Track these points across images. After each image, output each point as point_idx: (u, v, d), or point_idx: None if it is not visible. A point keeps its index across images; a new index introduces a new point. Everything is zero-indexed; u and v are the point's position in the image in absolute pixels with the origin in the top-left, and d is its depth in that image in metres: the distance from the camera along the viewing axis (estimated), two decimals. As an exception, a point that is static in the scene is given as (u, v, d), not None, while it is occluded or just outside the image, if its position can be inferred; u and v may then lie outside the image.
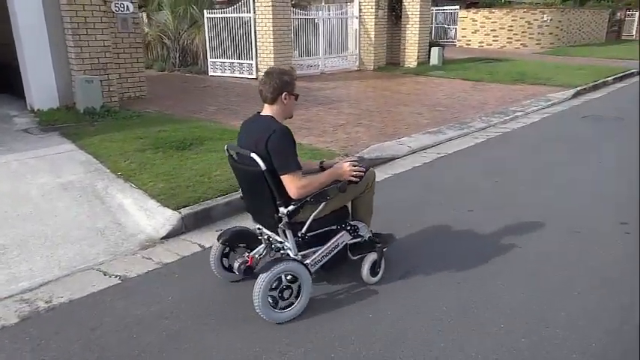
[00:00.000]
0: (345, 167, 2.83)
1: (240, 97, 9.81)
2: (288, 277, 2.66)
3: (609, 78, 12.58)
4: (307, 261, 2.78)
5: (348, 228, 2.97)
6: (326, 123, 7.59)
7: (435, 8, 24.20)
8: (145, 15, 14.53)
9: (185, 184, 4.48)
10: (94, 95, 7.48)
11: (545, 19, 22.04)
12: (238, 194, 4.30)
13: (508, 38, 22.28)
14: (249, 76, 12.09)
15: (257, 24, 11.53)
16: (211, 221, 4.05)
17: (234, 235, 3.09)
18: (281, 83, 2.68)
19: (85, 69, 7.70)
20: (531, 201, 4.50)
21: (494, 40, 22.52)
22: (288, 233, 2.73)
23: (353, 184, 2.85)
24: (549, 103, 9.57)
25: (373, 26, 13.88)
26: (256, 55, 11.80)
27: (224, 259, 3.06)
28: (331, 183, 2.75)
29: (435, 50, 14.39)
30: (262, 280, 2.57)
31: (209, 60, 12.77)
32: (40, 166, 5.22)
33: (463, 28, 23.26)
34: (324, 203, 2.73)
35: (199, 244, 3.70)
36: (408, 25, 14.37)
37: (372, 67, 14.22)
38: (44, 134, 6.50)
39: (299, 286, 2.71)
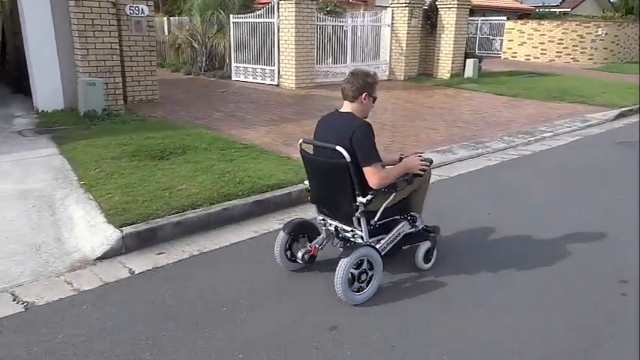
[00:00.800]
0: (415, 161, 3.10)
1: (253, 103, 9.52)
2: (364, 262, 2.88)
3: (659, 97, 11.46)
4: (377, 247, 3.00)
5: (409, 218, 3.23)
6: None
7: (480, 19, 23.33)
8: (165, 19, 14.58)
9: (142, 198, 4.15)
10: (95, 98, 7.36)
11: (599, 33, 20.69)
12: (193, 213, 3.90)
13: (557, 52, 21.06)
14: (271, 82, 11.82)
15: (280, 30, 11.24)
16: (155, 242, 3.69)
17: (298, 226, 3.26)
18: (364, 84, 2.94)
19: (91, 71, 7.61)
20: (518, 247, 3.85)
21: (542, 54, 21.34)
22: (363, 221, 2.93)
23: (418, 177, 3.11)
24: (585, 124, 8.72)
25: (405, 35, 13.32)
26: (278, 61, 11.51)
27: (287, 251, 3.23)
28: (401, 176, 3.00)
29: (469, 62, 13.64)
30: (345, 263, 2.78)
31: (232, 65, 12.60)
32: (11, 171, 5.05)
33: (509, 40, 22.19)
34: (394, 194, 2.97)
35: (130, 269, 3.33)
36: (442, 35, 13.70)
37: (402, 77, 13.64)
38: (36, 136, 6.39)
39: (370, 271, 2.92)
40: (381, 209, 2.96)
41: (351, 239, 3.12)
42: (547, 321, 2.80)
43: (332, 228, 3.21)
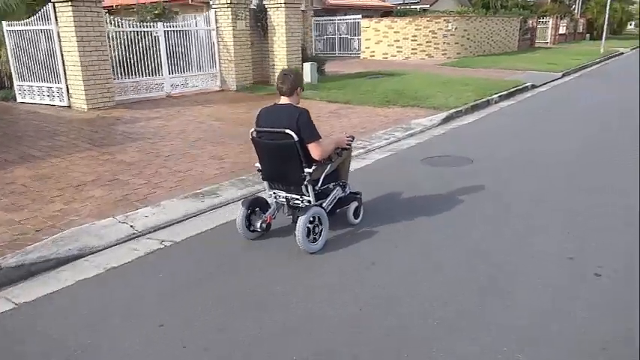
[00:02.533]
0: (342, 137, 4.05)
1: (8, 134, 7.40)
2: (316, 218, 3.65)
3: (495, 95, 11.06)
4: (323, 205, 3.81)
5: (341, 184, 4.09)
6: (69, 179, 5.38)
7: (337, 18, 22.61)
8: None
9: None
10: None
11: (449, 27, 20.80)
12: None
13: (412, 49, 20.87)
14: (61, 103, 9.67)
15: (61, 39, 9.16)
16: None
17: (254, 201, 3.94)
18: (296, 80, 3.70)
19: None
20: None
21: (398, 51, 21.05)
22: (310, 188, 3.70)
23: (345, 151, 4.04)
24: (406, 133, 7.76)
25: (232, 40, 11.79)
26: (65, 77, 9.41)
27: (247, 223, 3.88)
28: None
29: (307, 66, 12.47)
30: (302, 220, 3.54)
31: (15, 83, 10.24)
32: None
33: (367, 39, 21.67)
34: (330, 164, 3.84)
35: None
36: (274, 38, 12.37)
37: (234, 87, 12.11)
38: None
39: (320, 225, 3.70)
40: (322, 177, 3.78)
41: (300, 205, 3.81)
42: None
43: (282, 199, 3.91)
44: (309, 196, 3.72)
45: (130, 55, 10.26)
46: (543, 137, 7.59)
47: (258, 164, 3.86)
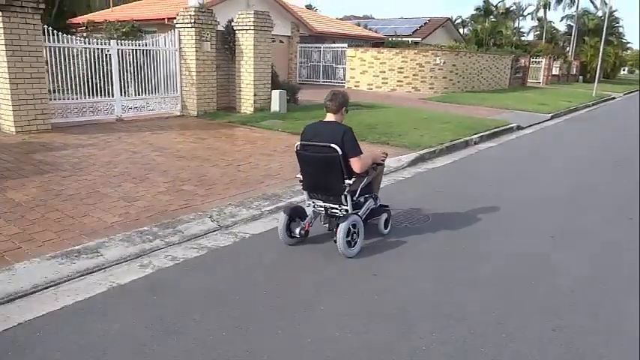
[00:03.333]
0: (378, 153, 4.47)
1: None
2: (353, 226, 3.97)
3: (475, 136, 10.16)
4: (359, 214, 4.17)
5: (374, 196, 4.44)
6: None
7: (323, 46, 21.93)
8: None
9: None
10: None
11: (437, 61, 20.13)
12: None
13: (398, 81, 20.13)
14: (-11, 124, 8.64)
15: (-11, 53, 8.20)
16: None
17: (294, 210, 4.25)
18: (343, 101, 4.16)
19: None
20: None
21: (383, 83, 20.29)
22: (348, 197, 4.04)
23: (379, 166, 4.46)
24: (365, 177, 6.76)
25: (194, 62, 10.89)
26: (-6, 95, 8.40)
27: (287, 230, 4.18)
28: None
29: (275, 94, 11.56)
30: (343, 227, 3.87)
31: (-56, 99, 9.22)
32: None
33: (352, 69, 20.93)
34: (366, 177, 4.20)
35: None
36: (242, 62, 11.49)
37: (195, 113, 11.16)
38: None
39: (358, 232, 4.03)
40: (359, 188, 4.15)
41: (338, 214, 4.18)
42: None
43: (320, 209, 4.27)
44: (347, 205, 4.08)
45: (75, 73, 9.29)
46: (520, 194, 6.61)
47: (299, 175, 4.23)
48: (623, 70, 71.57)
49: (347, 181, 3.94)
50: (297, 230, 4.17)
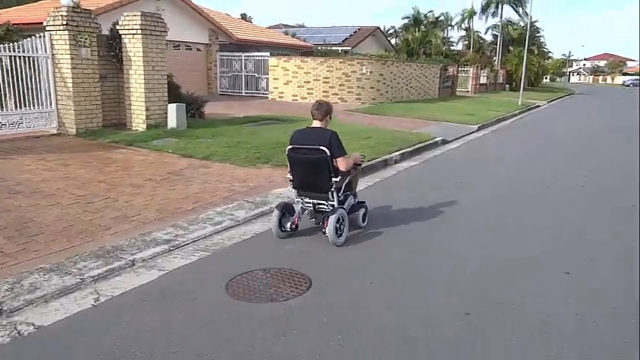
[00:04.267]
0: (358, 155, 5.02)
1: None
2: (341, 218, 4.50)
3: (397, 153, 9.11)
4: (344, 207, 4.72)
5: (354, 193, 5.02)
6: None
7: (244, 55, 20.52)
8: None
9: None
10: None
11: (364, 71, 19.26)
12: None
13: (324, 91, 19.05)
14: None
15: None
16: None
17: (285, 206, 4.73)
18: (327, 109, 4.72)
19: None
20: None
21: (308, 93, 19.14)
22: (335, 193, 4.59)
23: (358, 166, 5.03)
24: (255, 212, 5.46)
25: (70, 70, 9.19)
26: None
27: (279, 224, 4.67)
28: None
29: (172, 108, 10.03)
30: (333, 219, 4.40)
31: None
32: None
33: (275, 79, 19.63)
34: (349, 176, 4.76)
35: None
36: (131, 72, 9.89)
37: (74, 131, 9.43)
38: None
39: (344, 224, 4.56)
40: (343, 185, 4.70)
41: (325, 209, 4.69)
42: None
43: (308, 205, 4.78)
44: (333, 200, 4.63)
45: None
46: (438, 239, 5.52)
47: (289, 175, 4.76)
48: (546, 79, 75.06)
49: (334, 179, 4.49)
50: (288, 225, 4.65)
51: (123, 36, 9.76)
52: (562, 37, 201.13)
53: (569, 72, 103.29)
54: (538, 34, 51.95)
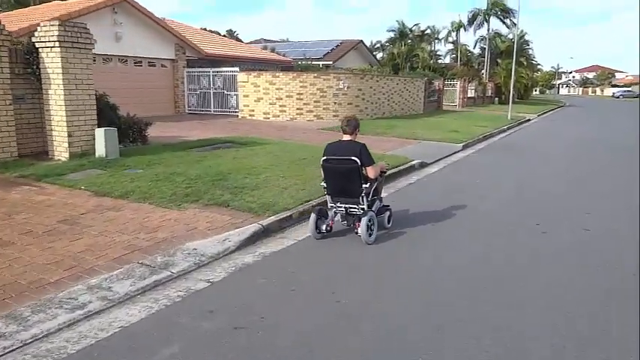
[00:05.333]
0: (383, 164, 5.64)
1: None
2: (371, 219, 5.10)
3: (363, 186, 7.63)
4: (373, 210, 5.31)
5: (380, 198, 5.60)
6: None
7: (212, 70, 19.14)
8: None
9: None
10: None
11: (341, 86, 17.92)
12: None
13: (298, 109, 17.67)
14: None
15: None
16: None
17: (320, 211, 5.27)
18: (356, 124, 5.34)
19: None
20: None
21: (281, 111, 17.75)
22: (365, 198, 5.14)
23: (383, 173, 5.69)
24: (148, 281, 3.97)
25: (-30, 91, 7.69)
26: None
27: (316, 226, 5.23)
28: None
29: (100, 133, 8.53)
30: (365, 220, 4.99)
31: None
32: None
33: (245, 96, 18.22)
34: (376, 182, 5.35)
35: None
36: (50, 91, 8.40)
37: (-23, 163, 7.91)
38: None
39: (374, 225, 5.16)
40: (372, 191, 5.25)
41: (356, 212, 5.21)
42: None
43: (341, 209, 5.33)
44: (364, 204, 5.16)
45: None
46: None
47: (323, 183, 5.32)
48: (535, 91, 74.38)
49: (364, 186, 5.11)
50: (323, 227, 5.22)
51: (40, 49, 8.28)
52: (550, 49, 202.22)
53: (559, 84, 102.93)
54: (527, 46, 51.04)
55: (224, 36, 36.93)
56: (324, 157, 5.15)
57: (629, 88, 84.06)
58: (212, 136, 12.26)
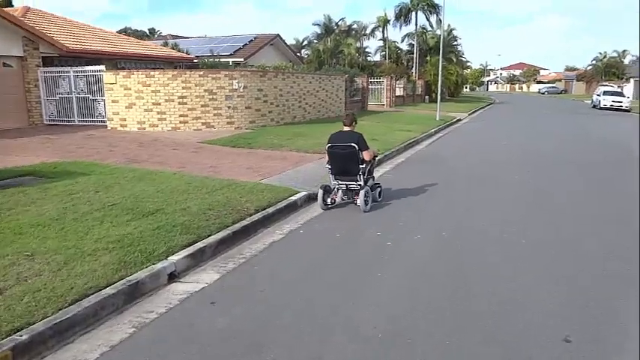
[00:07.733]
0: (375, 149, 7.22)
1: None
2: (367, 192, 6.46)
3: (176, 257, 4.38)
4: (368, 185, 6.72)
5: (372, 177, 6.97)
6: None
7: (73, 69, 15.21)
8: None
9: None
10: None
11: (235, 86, 14.58)
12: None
13: (182, 115, 14.15)
14: None
15: None
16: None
17: (326, 187, 6.63)
18: (353, 118, 6.86)
19: None
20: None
21: (160, 119, 14.14)
22: (362, 177, 6.51)
23: (376, 157, 7.28)
24: None
25: None
26: None
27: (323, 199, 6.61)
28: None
29: None
30: (362, 193, 6.38)
31: None
32: None
33: (114, 101, 14.44)
34: (371, 164, 6.75)
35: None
36: None
37: None
38: None
39: (369, 197, 6.49)
40: (367, 170, 6.62)
41: (355, 188, 6.59)
42: None
43: (342, 186, 6.71)
44: (361, 181, 6.51)
45: None
46: None
47: (327, 165, 6.66)
48: (466, 88, 74.28)
49: (361, 166, 6.46)
50: (329, 200, 6.61)
51: None
52: (479, 47, 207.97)
53: (488, 81, 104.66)
54: (455, 43, 49.87)
55: (144, 33, 32.35)
56: (329, 144, 6.57)
57: (554, 85, 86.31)
58: (22, 165, 8.58)
